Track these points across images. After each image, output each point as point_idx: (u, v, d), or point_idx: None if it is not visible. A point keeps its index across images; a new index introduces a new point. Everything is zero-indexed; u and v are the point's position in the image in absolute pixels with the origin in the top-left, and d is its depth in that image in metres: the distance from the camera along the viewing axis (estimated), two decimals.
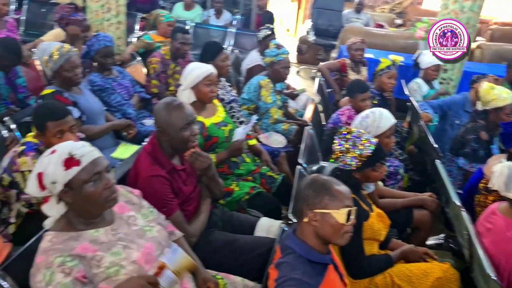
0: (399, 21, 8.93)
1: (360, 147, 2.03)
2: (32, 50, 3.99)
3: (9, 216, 2.25)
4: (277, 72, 3.50)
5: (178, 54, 3.85)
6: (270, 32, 4.43)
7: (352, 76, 4.43)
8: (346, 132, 2.08)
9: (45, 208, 1.54)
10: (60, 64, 2.67)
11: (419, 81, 4.28)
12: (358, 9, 7.69)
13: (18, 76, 3.40)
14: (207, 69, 2.59)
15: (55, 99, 2.60)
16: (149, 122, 3.44)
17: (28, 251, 1.62)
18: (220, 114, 2.73)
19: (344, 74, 4.49)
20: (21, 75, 3.44)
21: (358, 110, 3.11)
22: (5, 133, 2.63)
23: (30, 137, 2.21)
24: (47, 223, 1.55)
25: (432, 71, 4.21)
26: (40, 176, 1.46)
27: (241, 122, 3.18)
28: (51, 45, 2.70)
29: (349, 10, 7.80)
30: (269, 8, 7.61)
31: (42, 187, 1.47)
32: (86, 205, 1.50)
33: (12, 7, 6.49)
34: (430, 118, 3.68)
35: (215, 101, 2.78)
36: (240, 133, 2.63)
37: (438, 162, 2.82)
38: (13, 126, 2.69)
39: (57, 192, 1.47)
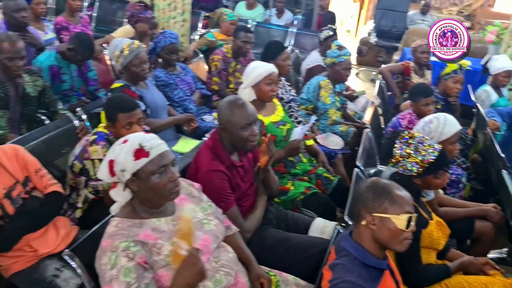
0: (467, 24, 8.54)
1: (422, 153, 1.98)
2: (103, 45, 4.20)
3: (77, 201, 2.39)
4: (337, 73, 3.48)
5: (239, 52, 3.91)
6: (332, 33, 4.40)
7: (416, 79, 4.31)
8: (408, 137, 2.03)
9: (112, 193, 1.63)
10: (130, 60, 2.79)
11: (488, 89, 4.07)
12: (424, 11, 7.45)
13: (89, 69, 3.60)
14: (269, 68, 2.62)
15: (123, 92, 2.72)
16: (208, 118, 3.52)
17: (94, 234, 1.72)
18: (279, 113, 2.76)
19: (407, 77, 4.37)
20: (92, 69, 3.64)
21: (420, 115, 3.03)
22: (76, 123, 2.79)
23: (101, 128, 2.33)
24: (113, 209, 1.63)
25: (503, 77, 4.00)
26: (111, 163, 1.55)
27: (299, 122, 3.19)
28: (122, 41, 2.83)
29: (415, 12, 7.57)
30: (331, 8, 7.52)
31: (112, 173, 1.56)
32: (151, 195, 1.57)
33: (85, 4, 6.87)
34: (497, 126, 3.51)
35: (275, 100, 2.81)
36: (298, 132, 2.64)
37: (504, 173, 2.69)
38: (84, 116, 2.84)
39: (125, 180, 1.55)
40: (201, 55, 4.52)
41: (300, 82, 4.56)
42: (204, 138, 2.58)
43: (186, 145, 3.04)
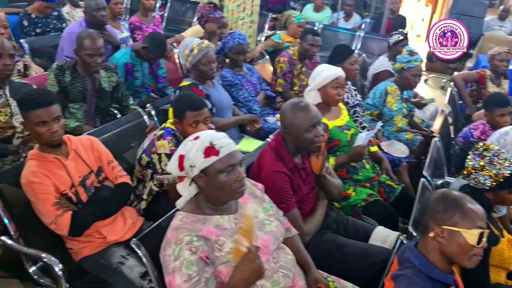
0: None
1: (497, 166, 1.88)
2: (173, 44, 4.35)
3: (142, 193, 2.49)
4: (406, 79, 3.37)
5: (306, 55, 3.89)
6: (402, 38, 4.27)
7: (492, 88, 4.09)
8: (482, 149, 1.94)
9: (179, 187, 1.68)
10: (198, 59, 2.87)
11: None
12: (503, 16, 7.05)
13: (160, 67, 3.74)
14: (336, 71, 2.59)
15: (191, 90, 2.80)
16: (272, 119, 3.54)
17: (160, 226, 1.78)
18: (344, 118, 2.72)
19: (483, 86, 4.16)
20: (162, 67, 3.77)
21: (494, 126, 2.88)
22: (146, 118, 2.90)
23: (168, 123, 2.41)
24: (179, 203, 1.68)
25: None
26: (181, 158, 1.60)
27: (363, 127, 3.13)
28: (192, 41, 2.91)
29: (492, 17, 7.18)
30: (401, 12, 7.31)
31: (181, 168, 1.61)
32: (216, 192, 1.60)
33: (157, 4, 7.14)
34: None
35: (340, 104, 2.77)
36: (362, 138, 2.59)
37: None
38: (153, 112, 2.96)
39: (192, 175, 1.59)
40: (267, 57, 4.55)
41: (365, 87, 4.48)
42: (268, 139, 2.60)
43: (249, 145, 3.08)
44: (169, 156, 2.26)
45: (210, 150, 1.55)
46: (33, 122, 1.96)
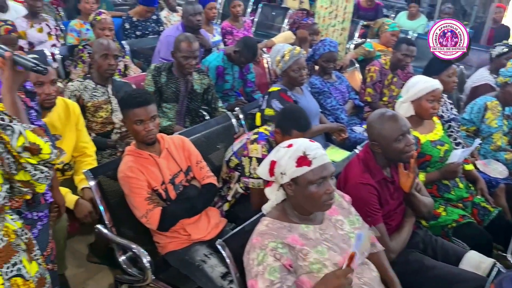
0: None
1: None
2: (263, 49, 4.40)
3: (227, 194, 2.54)
4: (509, 94, 3.13)
5: (398, 65, 3.76)
6: (507, 50, 3.97)
7: None
8: None
9: (267, 191, 1.69)
10: (289, 65, 2.87)
11: None
12: None
13: (249, 71, 3.81)
14: (433, 84, 2.47)
15: (280, 96, 2.82)
16: (359, 129, 3.46)
17: (244, 229, 1.80)
18: (437, 132, 2.58)
19: None
20: (252, 71, 3.84)
21: None
22: (234, 121, 2.96)
23: (262, 129, 2.42)
24: (265, 208, 1.69)
25: None
26: (273, 163, 1.61)
27: (458, 144, 2.95)
28: (284, 47, 2.93)
29: None
30: (505, 21, 6.81)
31: (272, 173, 1.62)
32: (304, 202, 1.59)
33: (249, 10, 7.30)
34: None
35: (434, 118, 2.64)
36: (457, 155, 2.44)
37: None
38: (241, 116, 3.01)
39: (282, 182, 1.59)
40: (357, 65, 4.46)
41: (462, 101, 4.22)
42: (356, 150, 2.54)
43: (335, 154, 3.02)
44: (259, 160, 2.28)
45: (302, 160, 1.53)
46: (131, 120, 2.07)
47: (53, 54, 3.73)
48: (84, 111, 2.74)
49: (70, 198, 2.33)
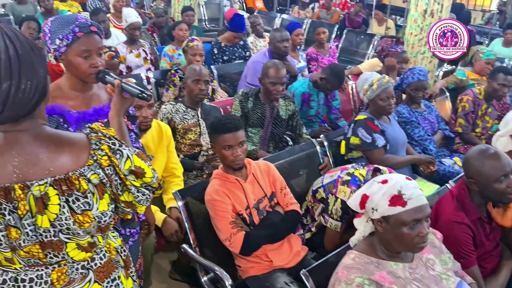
0: None
1: None
2: (348, 76, 4.37)
3: (311, 225, 2.51)
4: None
5: (494, 95, 3.55)
6: None
7: None
8: None
9: (356, 221, 1.66)
10: (377, 93, 2.81)
11: None
12: None
13: (335, 98, 3.79)
14: None
15: (366, 125, 2.77)
16: (448, 161, 3.30)
17: (327, 261, 1.77)
18: None
19: None
20: (337, 98, 3.82)
21: None
22: (318, 148, 2.94)
23: (358, 173, 2.31)
24: (353, 240, 1.65)
25: None
26: (365, 197, 1.57)
27: None
28: (372, 75, 2.88)
29: None
30: None
31: (362, 206, 1.58)
32: (394, 242, 1.53)
33: (333, 35, 7.32)
34: None
35: None
36: None
37: None
38: (325, 143, 2.98)
39: (372, 217, 1.55)
40: (448, 94, 4.27)
41: None
42: (447, 185, 2.41)
43: (422, 187, 2.86)
44: (344, 203, 2.21)
45: (397, 199, 1.48)
46: (220, 144, 2.13)
47: (148, 78, 3.98)
48: (174, 133, 2.87)
49: (158, 216, 2.43)
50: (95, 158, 1.12)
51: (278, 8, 10.45)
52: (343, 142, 2.88)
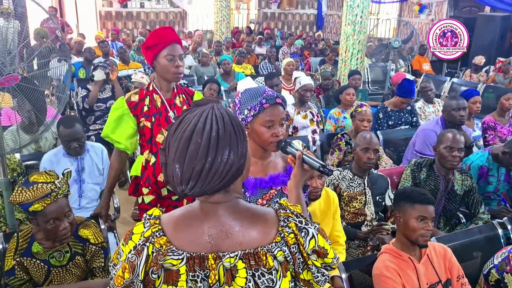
0: None
1: None
2: None
3: None
4: None
5: None
6: None
7: None
8: None
9: None
10: None
11: None
12: None
13: None
14: None
15: None
16: None
17: None
18: None
19: None
20: None
21: None
22: (500, 231, 2.61)
23: None
24: None
25: None
26: None
27: None
28: None
29: None
30: None
31: None
32: None
33: None
34: None
35: None
36: None
37: None
38: (509, 226, 2.64)
39: None
40: None
41: None
42: None
43: None
44: None
45: None
46: (411, 215, 2.05)
47: (314, 140, 4.07)
48: (339, 199, 2.84)
49: None
50: (282, 235, 1.13)
51: (447, 71, 9.93)
52: None
